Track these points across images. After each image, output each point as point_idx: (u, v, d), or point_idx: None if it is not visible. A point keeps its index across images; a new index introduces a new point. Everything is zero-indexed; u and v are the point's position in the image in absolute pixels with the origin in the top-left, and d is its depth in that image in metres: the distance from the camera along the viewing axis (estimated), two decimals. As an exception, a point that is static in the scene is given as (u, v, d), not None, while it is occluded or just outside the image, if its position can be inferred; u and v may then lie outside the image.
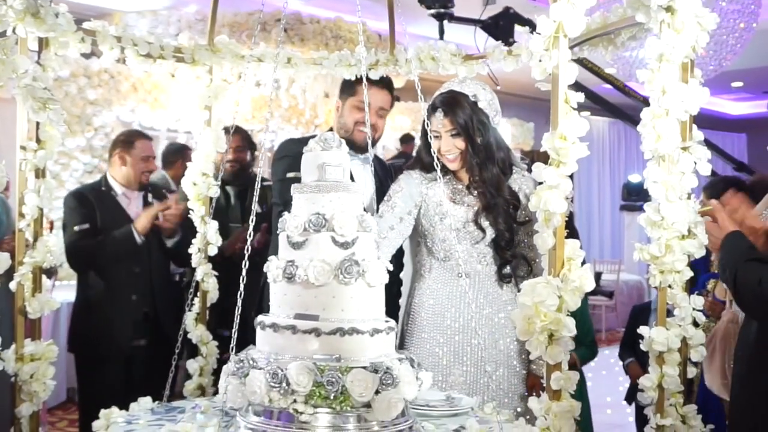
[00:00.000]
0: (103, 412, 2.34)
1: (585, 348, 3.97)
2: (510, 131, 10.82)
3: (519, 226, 2.82)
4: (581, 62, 4.26)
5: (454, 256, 2.79)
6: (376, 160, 3.16)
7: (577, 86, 4.35)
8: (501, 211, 2.78)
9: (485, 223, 2.78)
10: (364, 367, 1.89)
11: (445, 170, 2.84)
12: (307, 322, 1.95)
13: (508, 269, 2.83)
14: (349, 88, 3.15)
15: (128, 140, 4.08)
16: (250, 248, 2.05)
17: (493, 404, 2.47)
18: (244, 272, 2.02)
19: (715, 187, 3.67)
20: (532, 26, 4.13)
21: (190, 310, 3.07)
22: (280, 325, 1.97)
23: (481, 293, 2.79)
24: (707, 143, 2.21)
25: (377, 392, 1.88)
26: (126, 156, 4.00)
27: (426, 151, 2.84)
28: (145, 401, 2.40)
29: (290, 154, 3.00)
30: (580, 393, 3.98)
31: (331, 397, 1.85)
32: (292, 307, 2.00)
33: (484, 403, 2.52)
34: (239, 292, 2.02)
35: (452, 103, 2.76)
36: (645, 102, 2.16)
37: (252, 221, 2.12)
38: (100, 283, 3.89)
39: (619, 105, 5.38)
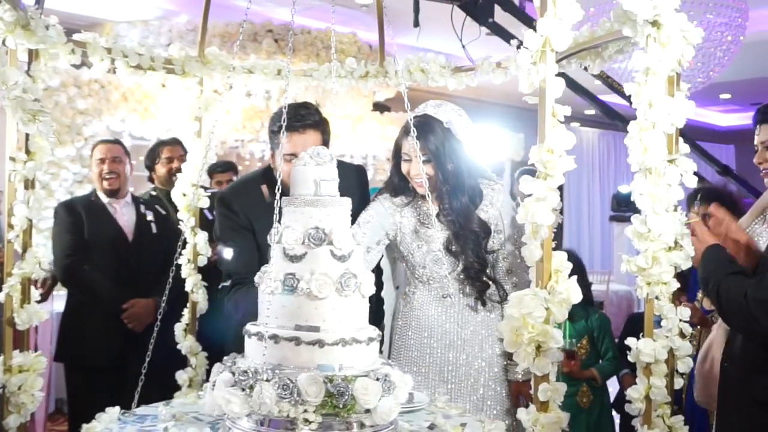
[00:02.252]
0: (85, 426, 2.27)
1: (607, 362, 3.99)
2: (499, 142, 10.83)
3: (490, 255, 2.82)
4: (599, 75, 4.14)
5: (436, 278, 2.80)
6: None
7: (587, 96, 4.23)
8: (469, 242, 2.77)
9: (456, 250, 2.77)
10: (367, 375, 1.95)
11: (414, 194, 2.82)
12: (310, 333, 1.99)
13: (488, 291, 2.83)
14: (273, 138, 2.88)
15: (93, 149, 4.21)
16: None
17: (446, 398, 2.54)
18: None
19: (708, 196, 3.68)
20: (514, 9, 4.02)
21: (168, 321, 3.01)
22: (282, 336, 2.00)
23: (465, 311, 2.80)
24: (693, 146, 2.22)
25: (379, 398, 1.94)
26: (91, 164, 4.14)
27: (397, 173, 2.83)
28: (113, 411, 2.34)
29: (222, 213, 2.97)
30: (603, 408, 3.99)
31: (341, 406, 1.90)
32: (291, 318, 2.03)
33: (436, 399, 2.53)
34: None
35: (425, 128, 2.67)
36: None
37: None
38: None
39: (627, 116, 5.37)
